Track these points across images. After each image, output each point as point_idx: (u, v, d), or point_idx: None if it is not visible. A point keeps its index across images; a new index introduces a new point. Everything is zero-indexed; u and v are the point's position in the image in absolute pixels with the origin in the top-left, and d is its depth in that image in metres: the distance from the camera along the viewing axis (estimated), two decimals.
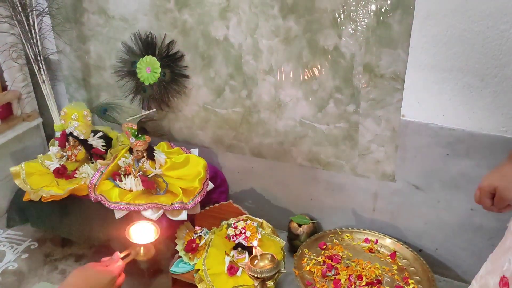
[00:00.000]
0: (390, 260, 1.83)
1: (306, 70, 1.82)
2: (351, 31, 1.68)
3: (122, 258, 1.16)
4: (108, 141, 2.07)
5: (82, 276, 1.02)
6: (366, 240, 1.92)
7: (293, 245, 2.02)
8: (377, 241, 1.91)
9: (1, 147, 2.22)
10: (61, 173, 1.95)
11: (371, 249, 1.88)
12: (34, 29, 2.04)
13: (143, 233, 1.22)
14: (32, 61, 2.09)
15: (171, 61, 2.01)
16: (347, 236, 1.95)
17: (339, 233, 1.96)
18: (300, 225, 2.00)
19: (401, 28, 1.60)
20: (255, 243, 1.53)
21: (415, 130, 1.74)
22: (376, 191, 1.92)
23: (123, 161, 1.94)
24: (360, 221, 2.01)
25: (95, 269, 1.04)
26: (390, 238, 1.90)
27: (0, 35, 2.10)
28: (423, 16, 1.55)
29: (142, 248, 1.18)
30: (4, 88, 2.31)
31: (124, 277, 1.12)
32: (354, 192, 1.97)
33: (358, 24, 1.66)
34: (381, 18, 1.62)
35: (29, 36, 2.05)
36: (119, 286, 1.11)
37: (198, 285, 1.70)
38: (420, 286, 1.70)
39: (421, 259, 1.80)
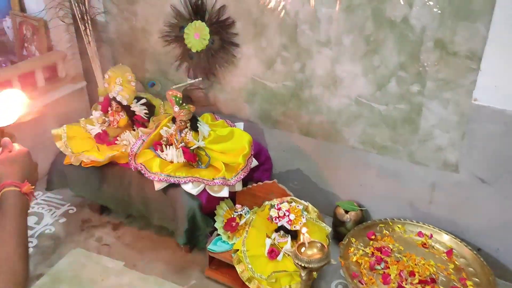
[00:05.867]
0: (446, 257, 1.67)
1: (368, 44, 1.65)
2: (425, 1, 1.50)
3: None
4: (151, 108, 1.99)
5: (12, 165, 1.01)
6: (420, 234, 1.76)
7: (338, 232, 1.89)
8: (431, 236, 1.75)
9: (44, 108, 2.19)
10: (102, 138, 1.89)
11: (425, 244, 1.73)
12: None
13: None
14: (78, 20, 2.02)
15: (221, 28, 1.88)
16: (399, 227, 1.80)
17: (390, 223, 1.81)
18: (347, 212, 1.87)
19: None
20: (304, 230, 1.40)
21: (488, 116, 1.55)
22: (435, 182, 1.75)
23: (166, 130, 1.85)
24: (414, 213, 1.85)
25: (14, 154, 1.03)
26: (447, 234, 1.74)
27: None
28: None
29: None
30: (50, 49, 2.27)
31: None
32: (409, 181, 1.81)
33: None
34: None
35: None
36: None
37: (236, 266, 1.61)
38: None
39: (481, 259, 1.63)
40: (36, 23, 2.21)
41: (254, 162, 1.90)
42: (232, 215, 1.81)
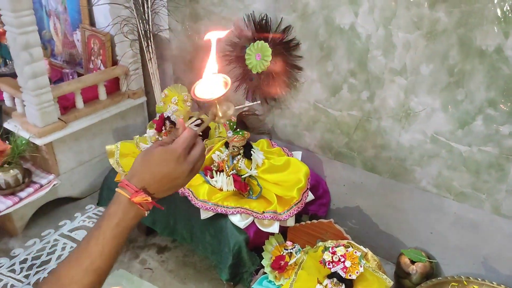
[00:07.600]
0: None
1: (451, 75, 1.44)
2: None
3: (198, 125, 0.80)
4: (205, 130, 1.89)
5: (145, 162, 0.75)
6: None
7: (401, 284, 1.67)
8: None
9: (104, 122, 2.19)
10: None
11: None
12: (147, 3, 1.93)
13: (212, 87, 0.81)
14: (141, 36, 1.99)
15: (284, 49, 1.75)
16: None
17: (465, 283, 1.55)
18: (413, 262, 1.65)
19: None
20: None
21: None
22: None
23: (218, 155, 1.75)
24: (493, 272, 1.58)
25: (157, 150, 0.75)
26: None
27: (116, 7, 2.03)
28: None
29: (217, 104, 0.81)
30: (115, 63, 2.28)
31: (203, 146, 0.79)
32: (491, 235, 1.55)
33: None
34: None
35: (142, 10, 1.95)
36: (200, 156, 0.77)
37: None
38: None
39: None
40: (103, 38, 2.23)
41: (310, 196, 1.74)
42: (282, 253, 1.65)
